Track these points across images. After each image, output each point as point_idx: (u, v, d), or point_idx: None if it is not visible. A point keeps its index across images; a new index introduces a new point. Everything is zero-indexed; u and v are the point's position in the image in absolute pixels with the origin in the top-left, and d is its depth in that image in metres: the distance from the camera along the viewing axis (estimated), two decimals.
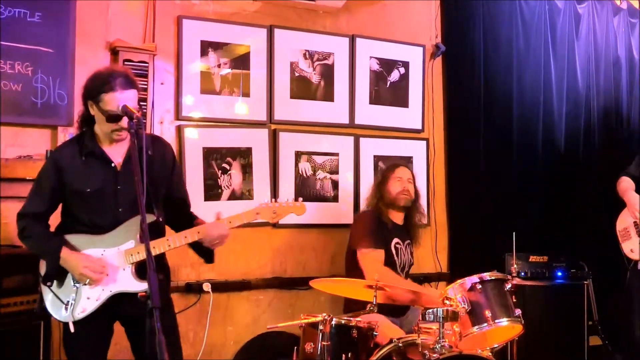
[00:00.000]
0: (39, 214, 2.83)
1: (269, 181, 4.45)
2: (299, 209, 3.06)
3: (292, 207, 3.03)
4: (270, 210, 2.96)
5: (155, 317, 2.08)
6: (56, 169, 2.81)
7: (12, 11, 3.69)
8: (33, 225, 2.82)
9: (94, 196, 2.79)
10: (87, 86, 2.79)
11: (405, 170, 4.16)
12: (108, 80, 2.70)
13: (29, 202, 2.85)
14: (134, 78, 2.81)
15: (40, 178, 2.87)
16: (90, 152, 2.82)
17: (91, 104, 2.76)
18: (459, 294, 3.24)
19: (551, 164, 5.50)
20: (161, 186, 2.92)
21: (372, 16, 4.89)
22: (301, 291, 4.51)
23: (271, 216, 2.97)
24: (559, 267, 4.95)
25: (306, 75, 4.62)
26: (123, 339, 2.99)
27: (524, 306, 4.04)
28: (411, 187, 4.09)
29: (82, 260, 2.73)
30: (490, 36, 5.26)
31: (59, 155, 2.86)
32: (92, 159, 2.83)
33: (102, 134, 2.82)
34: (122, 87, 2.70)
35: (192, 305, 4.17)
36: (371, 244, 3.88)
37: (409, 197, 4.05)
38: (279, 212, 2.99)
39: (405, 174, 4.11)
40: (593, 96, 5.75)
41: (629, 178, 4.30)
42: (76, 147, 2.85)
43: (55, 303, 2.77)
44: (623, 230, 4.18)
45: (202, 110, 4.28)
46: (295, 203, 3.04)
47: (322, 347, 3.05)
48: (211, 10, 4.35)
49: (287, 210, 3.01)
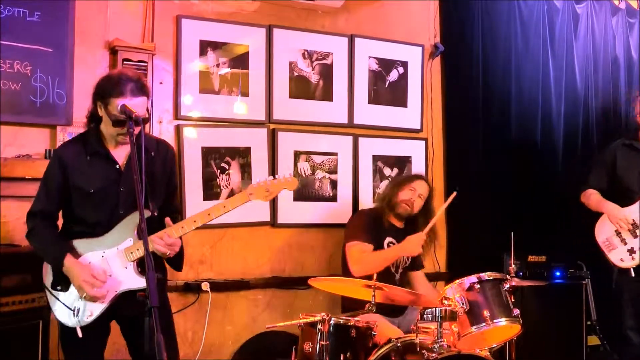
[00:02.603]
0: (48, 212, 2.84)
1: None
2: (291, 184, 3.01)
3: (283, 182, 2.98)
4: (262, 188, 2.92)
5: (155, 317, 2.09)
6: (61, 167, 2.81)
7: (12, 10, 3.69)
8: (42, 226, 2.82)
9: (97, 196, 2.80)
10: (98, 86, 2.79)
11: (423, 185, 4.10)
12: (119, 85, 2.70)
13: (37, 200, 2.85)
14: (146, 84, 2.81)
15: (46, 176, 2.87)
16: (95, 152, 2.83)
17: (100, 105, 2.77)
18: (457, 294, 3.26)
19: (549, 163, 5.51)
20: (160, 187, 2.92)
21: (371, 16, 4.89)
22: (300, 291, 4.51)
23: (264, 194, 2.93)
24: (557, 267, 4.95)
25: (305, 75, 4.62)
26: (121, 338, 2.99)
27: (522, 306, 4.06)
28: (418, 202, 4.05)
29: (83, 273, 2.72)
30: (489, 36, 5.26)
31: (64, 153, 2.86)
32: (96, 158, 2.83)
33: (108, 135, 2.83)
34: (133, 94, 2.70)
35: (191, 304, 4.17)
36: (360, 238, 3.90)
37: (409, 209, 4.03)
38: (271, 190, 2.95)
39: (420, 188, 4.07)
40: (591, 96, 5.76)
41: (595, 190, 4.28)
42: (81, 146, 2.85)
43: (63, 310, 2.78)
44: (606, 241, 4.17)
45: (201, 110, 4.28)
46: (286, 178, 2.99)
47: (320, 347, 3.06)
48: (210, 9, 4.35)
49: (279, 186, 2.97)
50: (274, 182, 2.96)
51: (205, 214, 2.84)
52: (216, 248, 4.33)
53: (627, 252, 4.07)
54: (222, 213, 2.86)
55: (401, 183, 4.12)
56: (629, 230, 4.06)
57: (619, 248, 4.11)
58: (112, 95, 2.70)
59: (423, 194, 4.07)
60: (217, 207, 2.86)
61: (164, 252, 2.78)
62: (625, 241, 4.09)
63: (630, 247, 4.06)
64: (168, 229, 2.78)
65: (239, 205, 2.90)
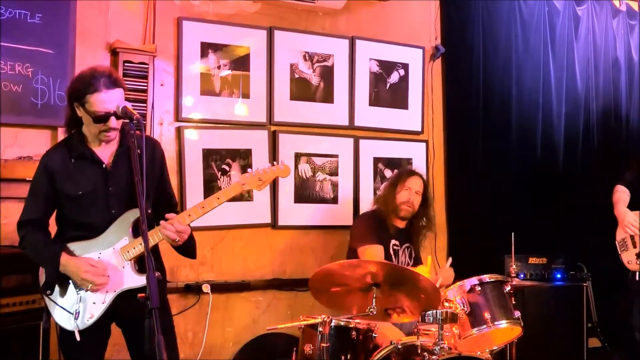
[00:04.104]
0: (37, 220, 2.81)
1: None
2: (283, 172, 2.99)
3: (275, 170, 2.96)
4: (255, 177, 2.90)
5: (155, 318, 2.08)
6: (47, 175, 2.78)
7: (13, 12, 3.69)
8: (32, 233, 2.80)
9: (86, 198, 2.77)
10: (71, 88, 2.76)
11: (417, 180, 4.10)
12: (92, 81, 2.67)
13: (26, 209, 2.83)
14: (118, 76, 2.78)
15: (33, 185, 2.84)
16: (79, 155, 2.80)
17: (77, 106, 2.73)
18: (458, 296, 3.25)
19: (550, 165, 5.51)
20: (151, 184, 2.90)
21: (371, 18, 4.89)
22: (300, 292, 4.50)
23: (257, 184, 2.91)
24: (558, 268, 4.95)
25: (306, 77, 4.62)
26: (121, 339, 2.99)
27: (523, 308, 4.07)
28: (417, 199, 4.06)
29: (83, 264, 2.71)
30: (490, 38, 5.27)
31: (49, 159, 2.82)
32: (81, 161, 2.80)
33: (91, 135, 2.80)
34: (107, 86, 2.67)
35: (192, 306, 4.17)
36: (371, 241, 3.91)
37: (411, 209, 4.03)
38: (264, 179, 2.92)
39: (415, 184, 4.07)
40: (592, 97, 5.77)
41: (624, 187, 4.28)
42: (65, 150, 2.82)
43: (63, 314, 2.76)
44: (621, 241, 4.20)
45: (202, 112, 4.28)
46: (278, 166, 2.97)
47: (321, 349, 3.05)
48: (211, 11, 4.35)
49: (271, 174, 2.95)
50: (266, 170, 2.94)
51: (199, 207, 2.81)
52: (217, 249, 4.33)
53: (635, 256, 4.09)
54: (216, 205, 2.84)
55: (396, 183, 4.10)
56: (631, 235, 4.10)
57: (630, 250, 4.15)
58: (88, 93, 2.67)
59: (419, 190, 4.07)
60: (210, 199, 2.84)
61: (173, 239, 2.76)
62: (636, 244, 4.11)
63: (639, 251, 4.08)
64: (178, 215, 2.77)
65: (232, 196, 2.87)
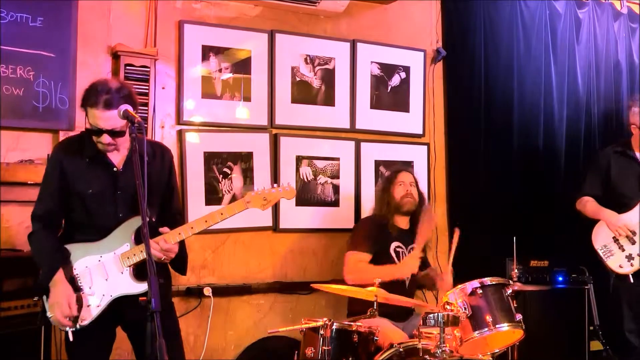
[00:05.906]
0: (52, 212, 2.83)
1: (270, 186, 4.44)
2: (289, 193, 3.04)
3: (282, 192, 3.01)
4: (260, 197, 2.94)
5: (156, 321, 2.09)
6: (60, 170, 2.82)
7: (14, 16, 3.70)
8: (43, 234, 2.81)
9: (95, 198, 2.80)
10: (84, 92, 2.78)
11: (408, 174, 4.18)
12: (94, 95, 2.69)
13: (39, 202, 2.85)
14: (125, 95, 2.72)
15: (46, 178, 2.87)
16: (93, 155, 2.84)
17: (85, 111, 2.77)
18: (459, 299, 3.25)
19: (551, 168, 5.50)
20: (157, 191, 2.92)
21: (373, 21, 4.90)
22: (302, 295, 4.50)
23: (262, 203, 2.94)
24: (559, 271, 4.94)
25: (307, 80, 4.63)
26: (124, 343, 2.99)
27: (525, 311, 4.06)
28: (414, 190, 4.11)
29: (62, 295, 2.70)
30: (491, 41, 5.27)
31: (64, 156, 2.85)
32: (94, 162, 2.84)
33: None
34: (105, 106, 2.67)
35: (193, 309, 4.17)
36: (358, 248, 3.92)
37: (413, 200, 4.06)
38: (269, 199, 2.96)
39: (407, 178, 4.13)
40: (594, 100, 5.76)
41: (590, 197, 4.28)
42: (79, 149, 2.85)
43: None
44: (604, 248, 4.17)
45: (203, 115, 4.28)
46: (284, 187, 3.02)
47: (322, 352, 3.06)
48: (212, 14, 4.36)
49: (277, 195, 2.99)
50: (272, 191, 2.98)
51: (202, 221, 2.86)
52: (218, 253, 4.33)
53: (626, 259, 4.08)
54: (218, 220, 2.88)
55: (389, 183, 4.13)
56: (627, 237, 4.07)
57: (617, 255, 4.12)
58: (88, 105, 2.71)
59: (412, 181, 4.13)
60: (214, 214, 2.88)
61: (159, 257, 2.78)
62: (623, 248, 4.10)
63: (629, 253, 4.07)
64: (165, 234, 2.79)
65: (236, 213, 2.92)
